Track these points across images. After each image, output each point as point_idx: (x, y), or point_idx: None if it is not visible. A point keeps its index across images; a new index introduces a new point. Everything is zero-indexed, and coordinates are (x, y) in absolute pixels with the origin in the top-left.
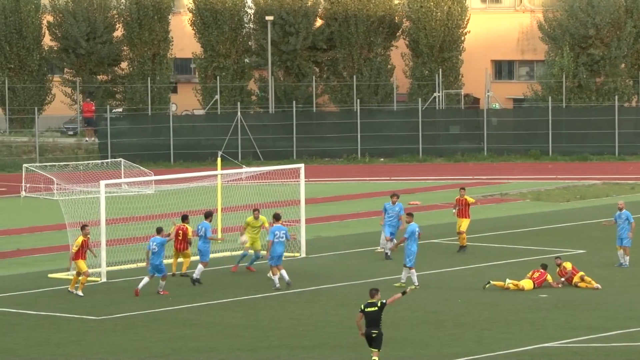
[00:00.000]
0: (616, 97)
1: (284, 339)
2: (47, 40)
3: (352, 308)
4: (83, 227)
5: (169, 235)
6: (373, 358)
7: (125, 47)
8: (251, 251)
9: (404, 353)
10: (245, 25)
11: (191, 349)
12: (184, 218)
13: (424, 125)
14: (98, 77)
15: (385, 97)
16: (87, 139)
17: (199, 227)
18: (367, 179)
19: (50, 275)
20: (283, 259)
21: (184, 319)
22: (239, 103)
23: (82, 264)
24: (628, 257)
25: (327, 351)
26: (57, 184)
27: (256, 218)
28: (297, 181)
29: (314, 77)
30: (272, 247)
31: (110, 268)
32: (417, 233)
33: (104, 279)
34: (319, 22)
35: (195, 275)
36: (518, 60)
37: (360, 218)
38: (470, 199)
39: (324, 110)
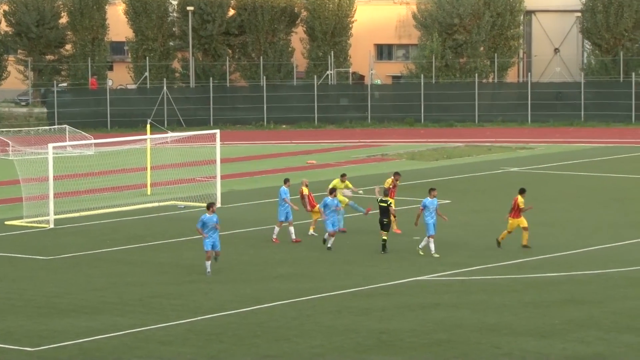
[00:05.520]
0: (476, 74)
1: (204, 274)
2: (3, 26)
3: (261, 249)
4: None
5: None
6: (383, 237)
7: (69, 32)
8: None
9: (305, 285)
10: (170, 14)
11: (126, 283)
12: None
13: (319, 98)
14: (46, 57)
15: (286, 74)
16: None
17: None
18: (272, 142)
19: (7, 223)
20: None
21: (120, 258)
22: (164, 79)
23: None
24: None
25: (238, 284)
26: (12, 146)
27: (343, 181)
28: (214, 144)
29: (227, 57)
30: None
31: (57, 216)
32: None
33: (52, 225)
34: (231, 12)
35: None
36: (396, 44)
37: (267, 174)
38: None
39: (236, 85)
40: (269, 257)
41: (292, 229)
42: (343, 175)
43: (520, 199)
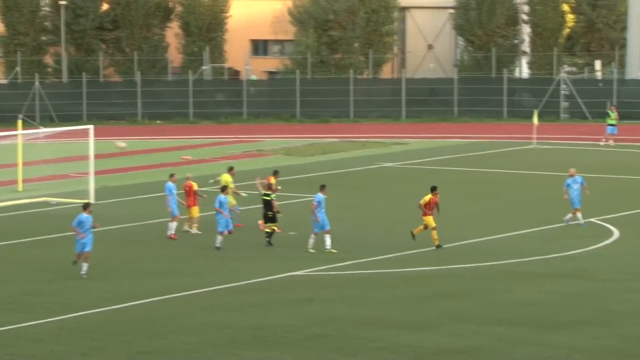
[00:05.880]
0: (351, 70)
1: (77, 272)
2: None
3: (134, 244)
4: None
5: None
6: (267, 230)
7: None
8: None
9: (178, 282)
10: (42, 8)
11: None
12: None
13: (194, 93)
14: None
15: (161, 69)
16: None
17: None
18: (147, 138)
19: None
20: None
21: None
22: (37, 74)
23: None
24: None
25: (111, 281)
26: None
27: (232, 175)
28: (87, 140)
29: (101, 52)
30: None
31: None
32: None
33: None
34: (105, 6)
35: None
36: (272, 39)
37: (141, 170)
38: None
39: (110, 80)
40: (142, 254)
41: (174, 224)
42: (231, 169)
43: (425, 197)
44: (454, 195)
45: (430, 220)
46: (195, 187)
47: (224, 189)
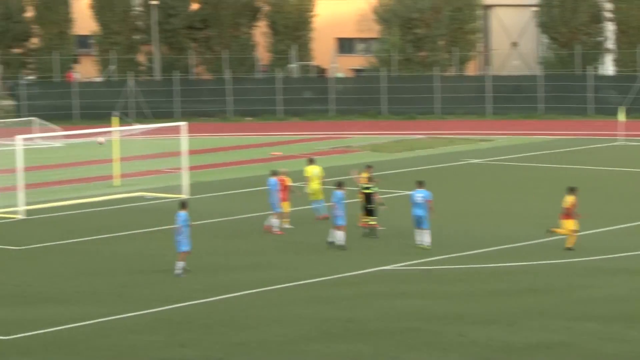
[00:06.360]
0: (436, 68)
1: (172, 264)
2: None
3: (228, 239)
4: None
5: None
6: (370, 223)
7: (35, 26)
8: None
9: (271, 275)
10: (134, 8)
11: (96, 272)
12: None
13: (283, 91)
14: (13, 50)
15: (250, 67)
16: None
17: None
18: (237, 134)
19: None
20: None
21: (89, 249)
22: (130, 72)
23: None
24: None
25: (206, 274)
26: None
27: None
28: (180, 136)
29: (191, 51)
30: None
31: (27, 207)
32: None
33: (23, 216)
34: (195, 6)
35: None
36: (357, 38)
37: (232, 166)
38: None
39: (201, 78)
40: (236, 248)
41: (276, 221)
42: (311, 161)
43: (567, 198)
44: (540, 191)
45: (571, 223)
46: (288, 182)
47: (340, 184)
